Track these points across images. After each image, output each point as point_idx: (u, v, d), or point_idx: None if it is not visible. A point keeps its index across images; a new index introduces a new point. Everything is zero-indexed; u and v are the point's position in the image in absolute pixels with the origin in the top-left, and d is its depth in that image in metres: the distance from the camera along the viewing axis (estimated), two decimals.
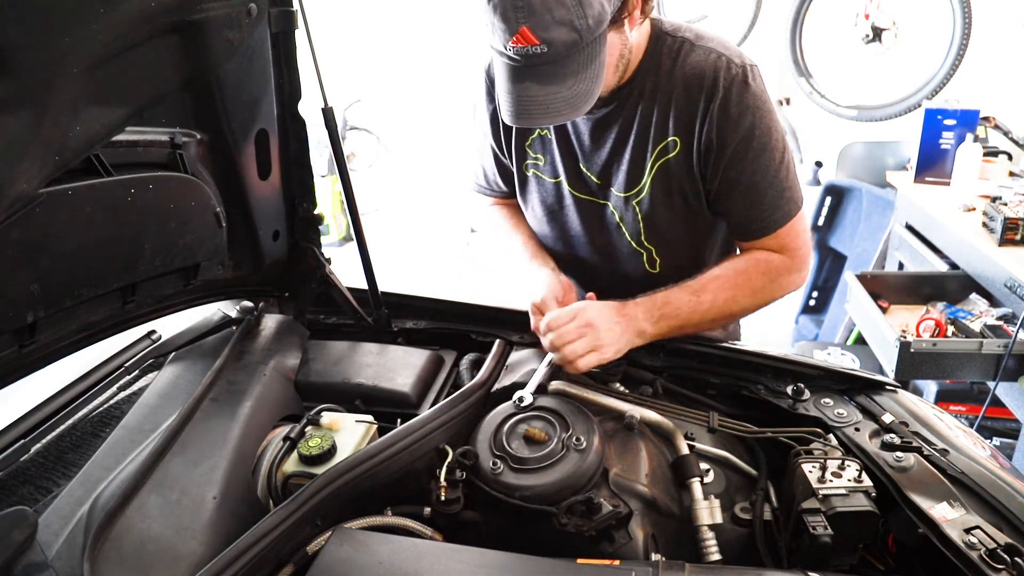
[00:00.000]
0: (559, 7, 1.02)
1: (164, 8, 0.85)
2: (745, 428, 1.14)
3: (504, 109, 1.15)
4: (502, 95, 1.14)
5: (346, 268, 1.49)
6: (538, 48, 1.04)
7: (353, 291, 1.46)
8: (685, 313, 1.25)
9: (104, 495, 0.94)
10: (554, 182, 1.42)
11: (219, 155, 1.17)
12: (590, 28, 1.05)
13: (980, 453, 1.07)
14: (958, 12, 3.13)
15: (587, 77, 1.10)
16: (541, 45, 1.04)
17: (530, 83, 1.09)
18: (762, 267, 1.32)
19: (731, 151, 1.24)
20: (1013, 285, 2.13)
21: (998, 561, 0.83)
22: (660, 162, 1.29)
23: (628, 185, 1.34)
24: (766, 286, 1.32)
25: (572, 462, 0.99)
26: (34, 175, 0.75)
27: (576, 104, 1.11)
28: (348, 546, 0.88)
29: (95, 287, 1.02)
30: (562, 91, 1.09)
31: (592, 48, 1.08)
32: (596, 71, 1.11)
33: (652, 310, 1.24)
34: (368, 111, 5.97)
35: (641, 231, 1.37)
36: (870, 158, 3.70)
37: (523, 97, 1.11)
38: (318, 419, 1.11)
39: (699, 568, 0.88)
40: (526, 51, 1.05)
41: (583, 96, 1.11)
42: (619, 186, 1.35)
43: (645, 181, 1.32)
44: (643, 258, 1.41)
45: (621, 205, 1.36)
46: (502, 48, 1.07)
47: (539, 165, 1.42)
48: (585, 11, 1.04)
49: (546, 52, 1.05)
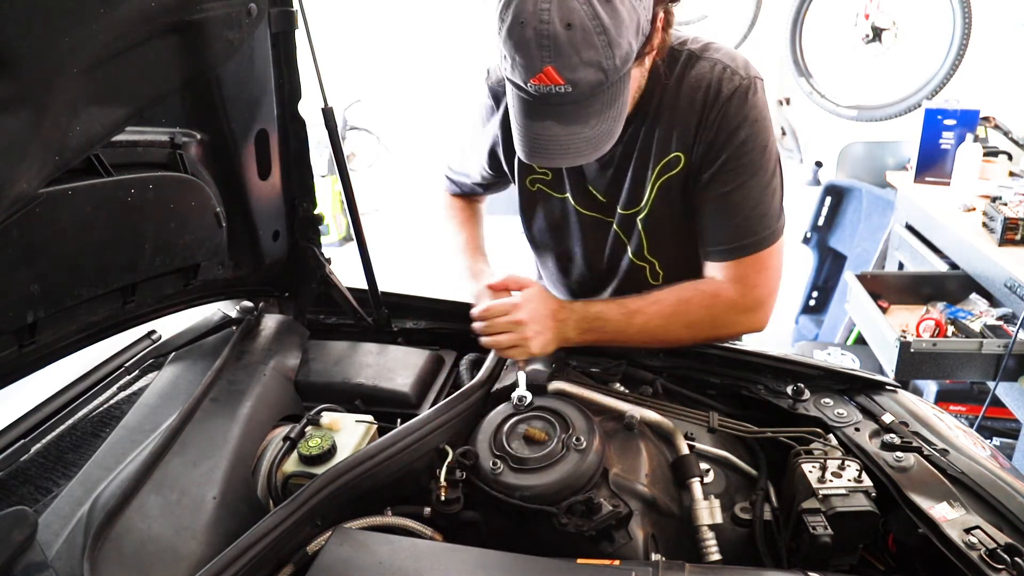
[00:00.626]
0: (588, 48, 0.97)
1: (164, 8, 0.85)
2: (745, 428, 1.14)
3: (520, 146, 1.11)
4: (518, 130, 1.10)
5: (346, 268, 1.49)
6: (562, 88, 0.99)
7: (353, 291, 1.46)
8: (611, 331, 1.24)
9: (104, 495, 0.94)
10: (560, 198, 1.40)
11: (219, 155, 1.17)
12: (616, 68, 1.01)
13: (980, 453, 1.07)
14: (958, 12, 3.13)
15: (610, 116, 1.06)
16: (566, 85, 0.99)
17: (550, 122, 1.04)
18: (707, 301, 1.25)
19: (720, 163, 1.19)
20: (1013, 285, 2.13)
21: (998, 561, 0.83)
22: (663, 179, 1.26)
23: (630, 203, 1.32)
24: (704, 321, 1.25)
25: (572, 462, 0.99)
26: (34, 175, 0.75)
27: (598, 144, 1.07)
28: (348, 546, 0.88)
29: (95, 287, 1.02)
30: (584, 131, 1.05)
31: (617, 87, 1.04)
32: (619, 110, 1.07)
33: (583, 320, 1.23)
34: (368, 111, 5.97)
35: (644, 246, 1.36)
36: (870, 158, 3.70)
37: (542, 136, 1.06)
38: (318, 419, 1.11)
39: (699, 568, 0.88)
40: (548, 90, 1.00)
41: (605, 136, 1.07)
42: (623, 203, 1.33)
43: (647, 198, 1.29)
44: (646, 271, 1.39)
45: (626, 222, 1.35)
46: (521, 84, 1.03)
47: (545, 180, 1.40)
48: (614, 51, 0.99)
49: (570, 92, 1.00)
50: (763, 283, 1.26)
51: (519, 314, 1.18)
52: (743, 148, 1.18)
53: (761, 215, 1.22)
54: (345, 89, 5.75)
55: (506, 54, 1.02)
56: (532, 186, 1.43)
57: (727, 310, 1.26)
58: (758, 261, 1.24)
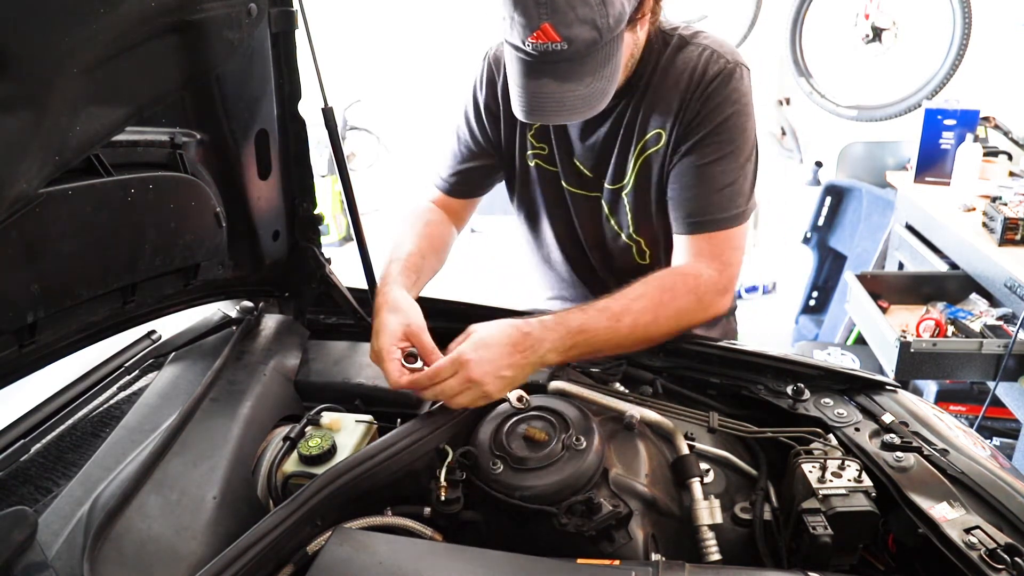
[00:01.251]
0: (582, 5, 1.03)
1: (164, 8, 0.85)
2: (745, 428, 1.14)
3: (517, 105, 1.15)
4: (516, 91, 1.14)
5: (346, 268, 1.49)
6: (558, 45, 1.04)
7: (353, 291, 1.46)
8: (600, 341, 1.14)
9: (104, 495, 0.94)
10: (553, 171, 1.43)
11: (219, 155, 1.17)
12: (610, 27, 1.06)
13: (980, 453, 1.07)
14: (958, 12, 3.13)
15: (604, 76, 1.10)
16: (562, 43, 1.04)
17: (547, 79, 1.09)
18: (690, 284, 1.23)
19: (699, 137, 1.24)
20: (1013, 285, 2.13)
21: (998, 561, 0.83)
22: (644, 155, 1.31)
23: (616, 178, 1.35)
24: (692, 307, 1.23)
25: (572, 462, 0.99)
26: (34, 175, 0.75)
27: (592, 102, 1.11)
28: (348, 546, 0.88)
29: (95, 287, 1.02)
30: (579, 89, 1.09)
31: (610, 47, 1.09)
32: (612, 70, 1.11)
33: (564, 338, 1.10)
34: (368, 111, 5.97)
35: (630, 223, 1.38)
36: (870, 158, 3.70)
37: (539, 94, 1.10)
38: (318, 419, 1.11)
39: (699, 568, 0.88)
40: (546, 48, 1.05)
41: (599, 94, 1.11)
42: (608, 179, 1.36)
43: (630, 174, 1.33)
44: (633, 250, 1.41)
45: (611, 198, 1.38)
46: (520, 43, 1.07)
47: (542, 155, 1.43)
48: (608, 10, 1.04)
49: (566, 49, 1.05)
50: (736, 262, 1.28)
51: (467, 371, 1.03)
52: (723, 126, 1.23)
53: (735, 193, 1.25)
54: (345, 89, 5.75)
55: (506, 15, 1.07)
56: (531, 161, 1.45)
57: (709, 291, 1.25)
58: (730, 239, 1.26)
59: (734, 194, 1.25)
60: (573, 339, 1.12)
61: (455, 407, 1.06)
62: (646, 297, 1.19)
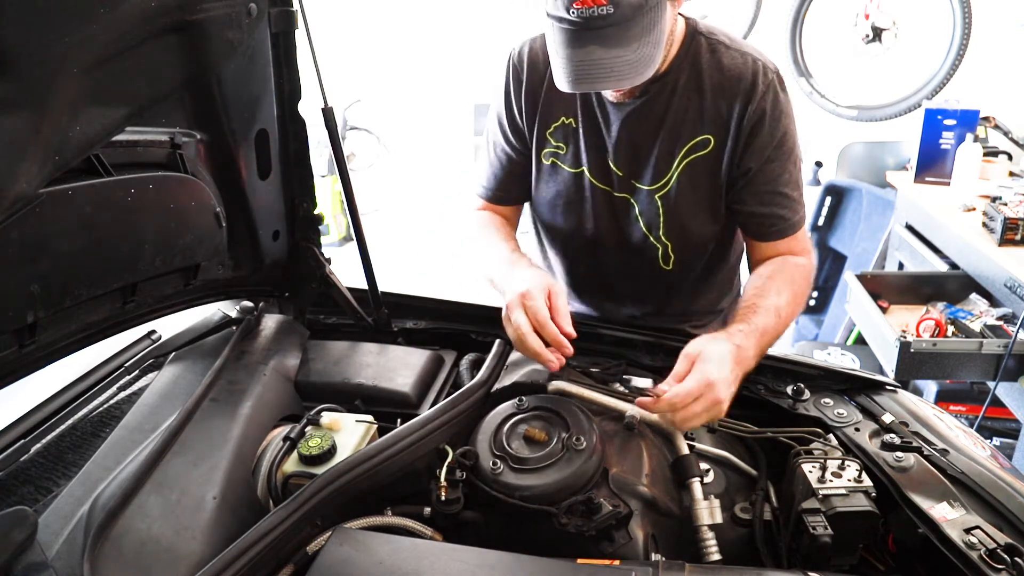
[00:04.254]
0: None
1: (164, 8, 0.85)
2: (745, 428, 1.14)
3: (562, 76, 1.13)
4: (559, 62, 1.12)
5: (346, 268, 1.49)
6: (604, 9, 1.03)
7: (353, 291, 1.46)
8: (771, 338, 1.18)
9: (104, 495, 0.94)
10: (575, 172, 1.41)
11: (219, 155, 1.17)
12: None
13: (980, 453, 1.07)
14: (958, 12, 3.13)
15: (650, 42, 1.09)
16: (608, 6, 1.03)
17: (594, 46, 1.08)
18: (802, 271, 1.33)
19: (768, 153, 1.28)
20: (1013, 285, 2.13)
21: (998, 561, 0.83)
22: (689, 158, 1.31)
23: (654, 179, 1.34)
24: (806, 290, 1.32)
25: (572, 462, 0.99)
26: (34, 175, 0.75)
27: (640, 68, 1.10)
28: (348, 546, 0.88)
29: (95, 287, 1.02)
30: (627, 54, 1.08)
31: (656, 12, 1.08)
32: (658, 37, 1.10)
33: (758, 342, 1.14)
34: (368, 111, 5.97)
35: (661, 226, 1.37)
36: (870, 158, 3.70)
37: (586, 61, 1.09)
38: (318, 419, 1.11)
39: (699, 568, 0.88)
40: (591, 12, 1.04)
41: (647, 61, 1.10)
42: (644, 179, 1.35)
43: (672, 176, 1.33)
44: (659, 252, 1.41)
45: (644, 199, 1.37)
46: (564, 12, 1.06)
47: (559, 154, 1.42)
48: None
49: (612, 13, 1.04)
50: (811, 246, 1.41)
51: (714, 394, 1.01)
52: (784, 138, 1.29)
53: (800, 192, 1.36)
54: (345, 89, 5.75)
55: None
56: (546, 159, 1.43)
57: (809, 275, 1.36)
58: (805, 230, 1.39)
59: (800, 195, 1.35)
60: (759, 342, 1.15)
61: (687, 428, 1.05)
62: (784, 289, 1.25)
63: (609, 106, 1.32)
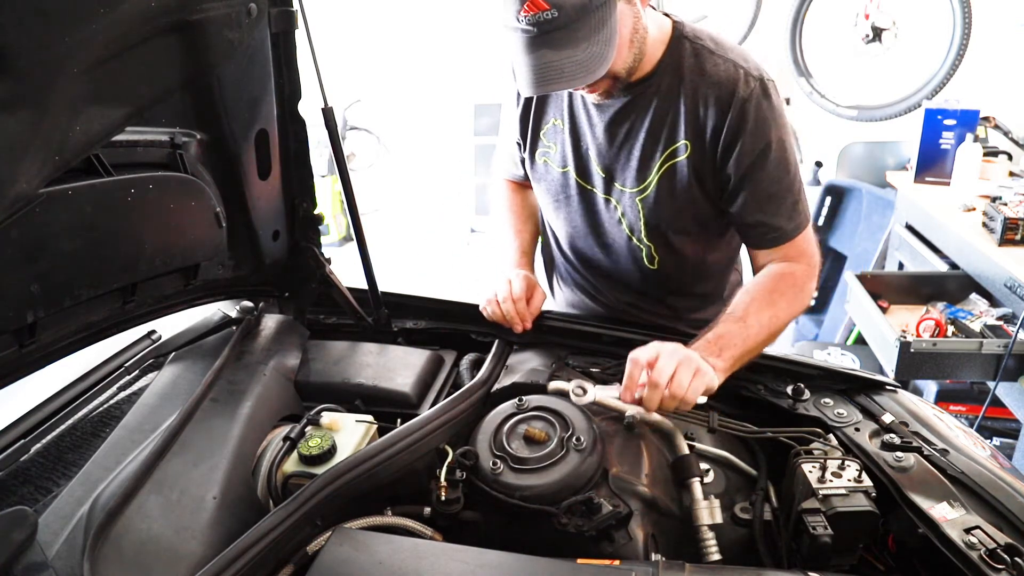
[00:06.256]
0: None
1: (164, 8, 0.85)
2: (745, 428, 1.14)
3: (522, 81, 1.17)
4: (519, 69, 1.16)
5: (346, 268, 1.49)
6: (548, 13, 1.08)
7: (353, 291, 1.46)
8: (740, 341, 1.20)
9: (104, 495, 0.94)
10: (562, 171, 1.43)
11: (219, 155, 1.17)
12: None
13: (980, 453, 1.07)
14: (958, 12, 3.13)
15: (600, 41, 1.12)
16: (551, 10, 1.07)
17: (545, 50, 1.12)
18: (789, 280, 1.32)
19: (750, 162, 1.26)
20: (1013, 285, 2.13)
21: (998, 561, 0.83)
22: (669, 163, 1.31)
23: (634, 181, 1.35)
24: (798, 297, 1.32)
25: (572, 462, 1.00)
26: (34, 175, 0.75)
27: (591, 67, 1.13)
28: (348, 546, 0.88)
29: (95, 287, 1.02)
30: (576, 55, 1.12)
31: (602, 12, 1.11)
32: (608, 35, 1.13)
33: (711, 347, 1.17)
34: (368, 111, 5.97)
35: (642, 228, 1.38)
36: (870, 158, 3.70)
37: (538, 65, 1.13)
38: (318, 419, 1.11)
39: (699, 568, 0.88)
40: (537, 18, 1.08)
41: (597, 59, 1.13)
42: (624, 182, 1.36)
43: (651, 179, 1.33)
44: (643, 253, 1.42)
45: (625, 200, 1.37)
46: (515, 22, 1.10)
47: (549, 153, 1.44)
48: None
49: (557, 17, 1.08)
50: (815, 251, 1.38)
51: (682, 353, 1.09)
52: (771, 147, 1.26)
53: (797, 199, 1.32)
54: (345, 89, 5.75)
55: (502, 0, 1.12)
56: (540, 159, 1.47)
57: (804, 282, 1.34)
58: (807, 235, 1.36)
59: (797, 202, 1.32)
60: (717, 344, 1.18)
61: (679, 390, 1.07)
62: (757, 299, 1.27)
63: (592, 108, 1.34)
